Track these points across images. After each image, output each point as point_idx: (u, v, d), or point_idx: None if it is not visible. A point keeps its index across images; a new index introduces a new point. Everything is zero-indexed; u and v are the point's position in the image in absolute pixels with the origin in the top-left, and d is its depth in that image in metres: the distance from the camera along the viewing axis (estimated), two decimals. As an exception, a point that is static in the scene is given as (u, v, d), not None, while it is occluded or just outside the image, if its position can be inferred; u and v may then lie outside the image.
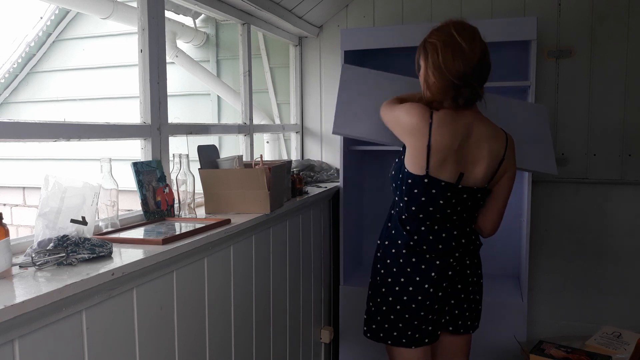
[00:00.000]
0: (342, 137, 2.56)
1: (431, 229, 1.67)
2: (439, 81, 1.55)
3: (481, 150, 1.60)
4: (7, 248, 1.09)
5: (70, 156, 3.99)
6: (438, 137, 1.55)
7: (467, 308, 1.75)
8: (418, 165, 1.59)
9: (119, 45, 3.78)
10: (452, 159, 1.58)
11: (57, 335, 1.06)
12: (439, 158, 1.57)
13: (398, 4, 2.84)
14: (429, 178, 1.59)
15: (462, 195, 1.62)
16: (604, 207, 2.62)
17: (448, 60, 1.51)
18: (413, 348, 1.72)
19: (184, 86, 3.42)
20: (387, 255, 1.73)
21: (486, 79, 1.60)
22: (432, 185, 1.60)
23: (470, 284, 1.74)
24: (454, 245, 1.67)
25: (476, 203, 1.68)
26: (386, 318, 1.74)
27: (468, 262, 1.72)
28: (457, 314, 1.75)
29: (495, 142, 1.61)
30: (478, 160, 1.60)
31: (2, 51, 4.15)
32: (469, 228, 1.72)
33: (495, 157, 1.61)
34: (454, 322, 1.76)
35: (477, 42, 1.55)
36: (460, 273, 1.71)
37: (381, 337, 1.77)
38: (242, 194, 1.85)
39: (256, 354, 1.92)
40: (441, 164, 1.58)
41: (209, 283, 1.59)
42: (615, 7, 2.52)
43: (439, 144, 1.55)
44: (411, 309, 1.69)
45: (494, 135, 1.62)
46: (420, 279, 1.67)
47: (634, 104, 2.53)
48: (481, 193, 1.65)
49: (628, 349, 2.18)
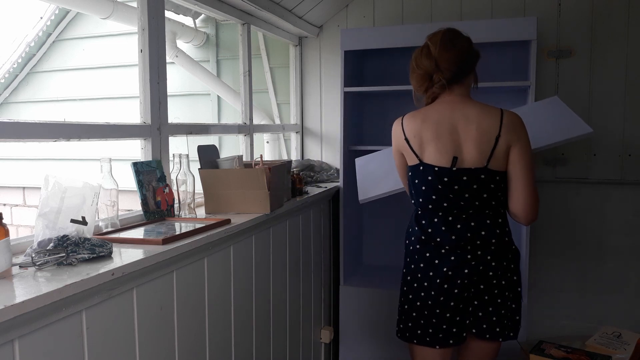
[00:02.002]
0: (342, 137, 2.57)
1: (445, 220, 1.67)
2: (414, 79, 1.74)
3: (469, 131, 1.62)
4: (7, 248, 1.09)
5: (70, 156, 3.99)
6: (407, 127, 1.71)
7: (492, 312, 1.68)
8: (411, 158, 1.71)
9: (119, 45, 3.78)
10: (439, 143, 1.63)
11: (57, 335, 1.05)
12: (418, 142, 1.68)
13: (398, 4, 2.85)
14: (423, 165, 1.67)
15: (462, 178, 1.62)
16: (604, 207, 2.62)
17: (419, 60, 1.72)
18: (437, 348, 1.70)
19: (184, 86, 3.42)
20: (407, 254, 1.78)
21: (464, 64, 1.67)
22: (427, 171, 1.66)
23: (496, 286, 1.67)
24: (469, 237, 1.63)
25: (486, 187, 1.62)
26: (409, 316, 1.75)
27: (493, 263, 1.65)
28: (480, 316, 1.69)
29: (485, 120, 1.62)
30: (467, 140, 1.62)
31: (2, 51, 4.15)
32: (489, 220, 1.66)
33: (486, 134, 1.60)
34: (477, 325, 1.70)
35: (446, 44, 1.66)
36: (483, 273, 1.65)
37: (407, 336, 1.77)
38: (242, 194, 1.85)
39: (256, 354, 1.92)
40: (426, 148, 1.66)
41: (209, 283, 1.59)
42: (615, 7, 2.52)
43: (410, 130, 1.70)
44: (428, 306, 1.68)
45: (483, 113, 1.64)
46: (433, 274, 1.67)
47: (634, 103, 2.53)
48: (485, 174, 1.61)
49: (628, 349, 2.18)
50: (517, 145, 1.61)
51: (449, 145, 1.63)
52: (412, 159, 1.70)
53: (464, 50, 1.67)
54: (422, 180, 1.68)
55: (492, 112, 1.64)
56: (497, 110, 1.64)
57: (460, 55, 1.66)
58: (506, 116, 1.63)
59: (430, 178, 1.65)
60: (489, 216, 1.66)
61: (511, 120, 1.62)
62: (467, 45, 1.68)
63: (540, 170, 2.66)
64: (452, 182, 1.63)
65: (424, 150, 1.67)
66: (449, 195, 1.64)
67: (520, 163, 1.61)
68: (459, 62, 1.66)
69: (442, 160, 1.63)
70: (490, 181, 1.62)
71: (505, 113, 1.63)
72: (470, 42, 1.70)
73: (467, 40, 1.69)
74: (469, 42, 1.70)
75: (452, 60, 1.66)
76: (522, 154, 1.61)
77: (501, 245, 1.67)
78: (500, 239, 1.67)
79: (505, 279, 1.68)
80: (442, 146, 1.63)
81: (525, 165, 1.62)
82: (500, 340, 1.73)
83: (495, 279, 1.67)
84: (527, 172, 1.62)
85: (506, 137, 1.60)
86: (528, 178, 1.62)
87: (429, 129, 1.66)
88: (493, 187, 1.63)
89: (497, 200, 1.66)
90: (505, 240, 1.69)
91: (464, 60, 1.66)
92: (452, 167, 1.62)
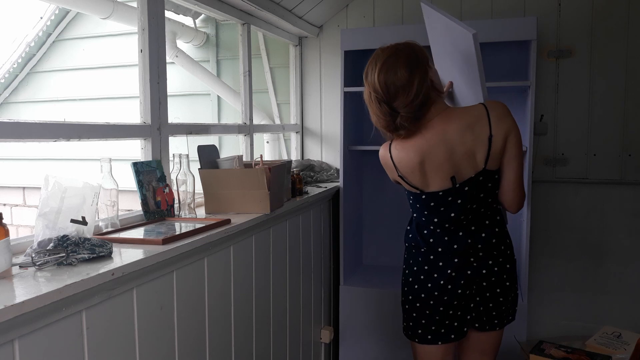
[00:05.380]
0: (342, 137, 2.56)
1: (447, 230, 1.66)
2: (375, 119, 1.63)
3: (466, 143, 1.55)
4: (7, 248, 1.09)
5: (70, 156, 3.99)
6: (400, 162, 1.63)
7: (493, 307, 1.70)
8: (408, 188, 1.68)
9: (119, 45, 3.78)
10: (440, 172, 1.59)
11: (57, 336, 1.05)
12: (418, 177, 1.62)
13: (398, 4, 2.84)
14: (425, 194, 1.64)
15: (464, 189, 1.60)
16: (604, 207, 2.62)
17: (371, 105, 1.62)
18: (439, 344, 1.72)
19: (184, 86, 3.42)
20: (408, 256, 1.77)
21: (415, 100, 1.53)
22: (430, 198, 1.63)
23: (497, 283, 1.67)
24: (470, 243, 1.64)
25: (483, 187, 1.61)
26: (410, 316, 1.76)
27: (495, 262, 1.66)
28: (481, 310, 1.71)
29: (477, 126, 1.55)
30: (464, 152, 1.56)
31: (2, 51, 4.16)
32: (488, 220, 1.66)
33: (481, 140, 1.55)
34: (478, 319, 1.72)
35: (379, 75, 1.53)
36: (485, 273, 1.66)
37: (410, 335, 1.79)
38: (242, 194, 1.85)
39: (256, 354, 1.92)
40: (429, 180, 1.61)
41: (209, 283, 1.59)
42: (615, 7, 2.52)
43: (404, 166, 1.62)
44: (430, 305, 1.69)
45: (472, 121, 1.56)
46: (437, 276, 1.67)
47: (634, 103, 2.53)
48: (483, 175, 1.59)
49: (628, 349, 2.18)
50: (510, 135, 1.57)
51: (450, 169, 1.58)
52: (412, 189, 1.66)
53: (411, 82, 1.51)
54: (424, 205, 1.66)
55: (478, 113, 1.57)
56: (480, 108, 1.57)
57: (410, 90, 1.51)
58: (491, 110, 1.56)
59: (433, 204, 1.63)
60: (487, 216, 1.66)
61: (496, 112, 1.56)
62: (410, 71, 1.51)
63: (540, 170, 2.66)
64: (455, 198, 1.61)
65: (426, 184, 1.62)
66: (451, 214, 1.63)
67: (515, 148, 1.58)
68: (417, 98, 1.52)
69: (444, 184, 1.60)
70: (488, 181, 1.62)
71: (489, 107, 1.56)
72: (411, 61, 1.53)
73: (407, 63, 1.52)
74: (410, 64, 1.52)
75: (407, 102, 1.52)
76: (515, 142, 1.58)
77: (501, 243, 1.68)
78: (499, 237, 1.67)
79: (506, 273, 1.70)
80: (444, 173, 1.59)
81: (517, 153, 1.59)
82: (500, 329, 1.76)
83: (497, 276, 1.68)
84: (519, 160, 1.60)
85: (498, 132, 1.55)
86: (520, 165, 1.61)
87: (427, 162, 1.58)
88: (490, 186, 1.63)
89: (492, 196, 1.65)
90: (502, 237, 1.69)
91: (417, 93, 1.52)
92: (454, 185, 1.60)
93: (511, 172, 1.61)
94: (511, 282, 1.71)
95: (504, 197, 1.65)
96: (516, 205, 1.65)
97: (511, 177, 1.61)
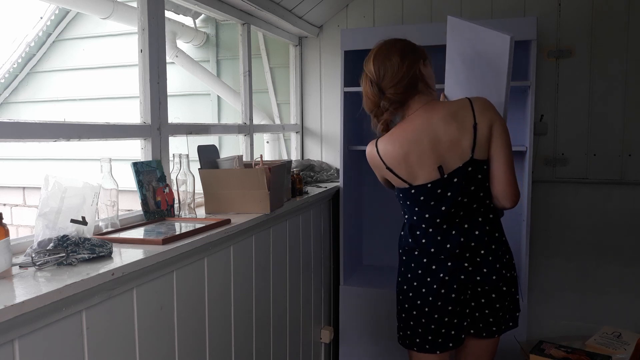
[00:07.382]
0: (342, 137, 2.56)
1: (439, 228, 1.65)
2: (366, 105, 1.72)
3: (451, 132, 1.59)
4: (7, 248, 1.09)
5: (70, 156, 3.99)
6: (386, 155, 1.65)
7: (490, 313, 1.68)
8: (398, 182, 1.67)
9: (119, 45, 3.78)
10: (427, 162, 1.60)
11: (57, 336, 1.05)
12: (405, 169, 1.62)
13: (398, 4, 2.85)
14: (414, 188, 1.64)
15: (453, 180, 1.60)
16: (604, 207, 2.62)
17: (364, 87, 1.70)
18: (438, 353, 1.70)
19: (184, 86, 3.42)
20: (402, 263, 1.75)
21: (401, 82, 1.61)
22: (419, 192, 1.63)
23: (492, 288, 1.66)
24: (463, 242, 1.63)
25: (473, 179, 1.61)
26: (407, 324, 1.74)
27: (489, 265, 1.64)
28: (477, 316, 1.69)
29: (459, 113, 1.59)
30: (450, 142, 1.59)
31: (2, 51, 4.16)
32: (481, 217, 1.65)
33: (465, 127, 1.58)
34: (474, 325, 1.71)
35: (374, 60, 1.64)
36: (479, 277, 1.64)
37: (407, 343, 1.76)
38: (242, 194, 1.85)
39: (256, 354, 1.92)
40: (417, 172, 1.61)
41: (209, 283, 1.59)
42: (615, 7, 2.52)
43: (391, 158, 1.64)
44: (425, 312, 1.67)
45: (455, 110, 1.60)
46: (430, 280, 1.66)
47: (634, 103, 2.53)
48: (472, 165, 1.60)
49: (628, 349, 2.18)
50: (495, 124, 1.59)
51: (436, 159, 1.60)
52: (400, 183, 1.66)
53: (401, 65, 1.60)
54: (414, 201, 1.65)
55: (462, 103, 1.62)
56: (464, 100, 1.62)
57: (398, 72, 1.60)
58: (475, 102, 1.61)
59: (423, 198, 1.63)
60: (480, 213, 1.65)
61: (480, 104, 1.60)
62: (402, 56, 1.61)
63: (540, 170, 2.66)
64: (444, 191, 1.61)
65: (414, 176, 1.63)
66: (441, 207, 1.62)
67: (501, 139, 1.60)
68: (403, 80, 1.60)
69: (432, 175, 1.61)
70: (477, 172, 1.61)
71: (472, 100, 1.62)
72: (406, 49, 1.63)
73: (401, 50, 1.62)
74: (403, 51, 1.62)
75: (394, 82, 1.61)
76: (500, 132, 1.59)
77: (493, 243, 1.66)
78: (491, 236, 1.65)
79: (502, 279, 1.66)
80: (430, 163, 1.60)
81: (504, 142, 1.60)
82: (497, 337, 1.73)
83: (492, 282, 1.65)
84: (507, 150, 1.61)
85: (482, 120, 1.58)
86: (509, 156, 1.61)
87: (414, 152, 1.60)
88: (480, 178, 1.61)
89: (485, 191, 1.64)
90: (496, 236, 1.67)
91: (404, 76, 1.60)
92: (442, 175, 1.60)
93: (500, 161, 1.61)
94: (508, 287, 1.68)
95: (495, 189, 1.63)
96: (509, 197, 1.63)
97: (500, 167, 1.61)
